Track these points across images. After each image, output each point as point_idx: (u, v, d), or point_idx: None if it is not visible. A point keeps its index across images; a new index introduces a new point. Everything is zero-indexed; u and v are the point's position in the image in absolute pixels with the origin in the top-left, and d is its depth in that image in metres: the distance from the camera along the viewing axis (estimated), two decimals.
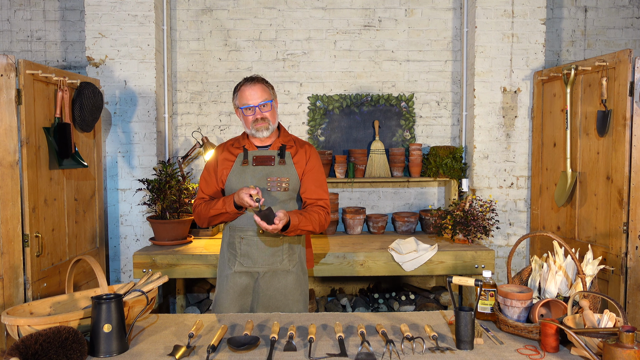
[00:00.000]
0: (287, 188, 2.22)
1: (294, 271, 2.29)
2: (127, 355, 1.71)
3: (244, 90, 2.21)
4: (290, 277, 2.28)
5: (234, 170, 2.25)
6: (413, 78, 4.06)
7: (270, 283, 2.26)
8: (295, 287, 2.29)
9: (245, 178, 2.23)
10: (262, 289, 2.26)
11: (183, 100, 4.03)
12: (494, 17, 3.72)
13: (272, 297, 2.25)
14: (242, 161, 2.25)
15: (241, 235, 2.25)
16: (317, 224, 2.19)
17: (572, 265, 2.03)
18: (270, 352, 1.68)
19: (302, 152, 2.29)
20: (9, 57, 2.56)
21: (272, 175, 2.22)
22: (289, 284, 2.27)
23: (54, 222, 2.91)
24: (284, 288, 2.26)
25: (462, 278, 1.88)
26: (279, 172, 2.23)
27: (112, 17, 3.63)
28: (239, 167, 2.25)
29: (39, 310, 1.90)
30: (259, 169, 2.23)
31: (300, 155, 2.28)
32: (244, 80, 2.24)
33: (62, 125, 2.88)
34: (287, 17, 4.01)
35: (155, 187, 3.38)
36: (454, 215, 3.48)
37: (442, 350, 1.71)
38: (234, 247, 2.27)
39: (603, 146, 3.04)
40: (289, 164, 2.25)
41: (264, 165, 2.24)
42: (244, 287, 2.27)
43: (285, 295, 2.26)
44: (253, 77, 2.24)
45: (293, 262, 2.29)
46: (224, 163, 2.28)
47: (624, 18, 4.21)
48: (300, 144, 2.33)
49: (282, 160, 2.24)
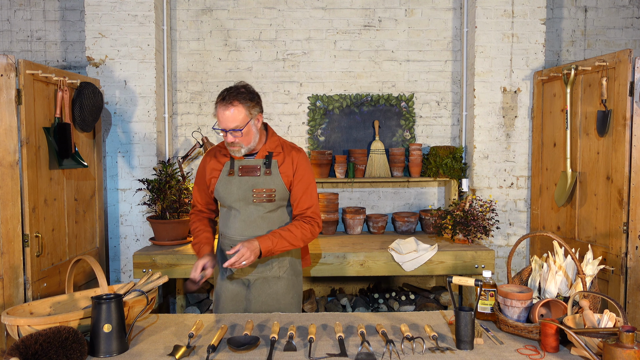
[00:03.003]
0: (273, 199, 2.19)
1: (285, 277, 2.28)
2: (127, 355, 1.71)
3: (218, 109, 2.10)
4: (281, 282, 2.27)
5: (221, 180, 2.23)
6: (413, 78, 4.06)
7: (262, 289, 2.26)
8: (287, 291, 2.28)
9: (231, 189, 2.21)
10: (254, 296, 2.26)
11: (183, 100, 4.03)
12: (494, 17, 3.72)
13: (264, 302, 2.25)
14: (229, 171, 2.22)
15: (230, 244, 2.24)
16: (300, 239, 2.16)
17: (572, 265, 2.03)
18: (270, 352, 1.68)
19: (289, 161, 2.23)
20: (9, 57, 2.56)
21: (257, 186, 2.18)
22: (280, 289, 2.27)
23: (54, 222, 2.91)
24: (276, 293, 2.26)
25: (462, 278, 1.88)
26: (265, 183, 2.19)
27: (112, 17, 3.63)
28: (225, 177, 2.22)
29: (39, 310, 1.90)
30: (244, 180, 2.20)
31: (287, 165, 2.23)
32: (221, 97, 2.10)
33: (62, 125, 2.88)
34: (287, 17, 4.01)
35: (155, 187, 3.38)
36: (454, 215, 3.48)
37: (442, 350, 1.71)
38: (224, 255, 2.27)
39: (603, 146, 3.04)
40: (275, 174, 2.21)
41: (250, 175, 2.20)
42: (236, 293, 2.27)
43: (278, 300, 2.26)
44: (231, 94, 2.09)
45: (283, 268, 2.28)
46: (212, 172, 2.27)
47: (624, 18, 4.21)
48: (287, 150, 2.26)
49: (268, 171, 2.20)
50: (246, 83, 2.19)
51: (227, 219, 2.27)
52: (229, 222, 2.26)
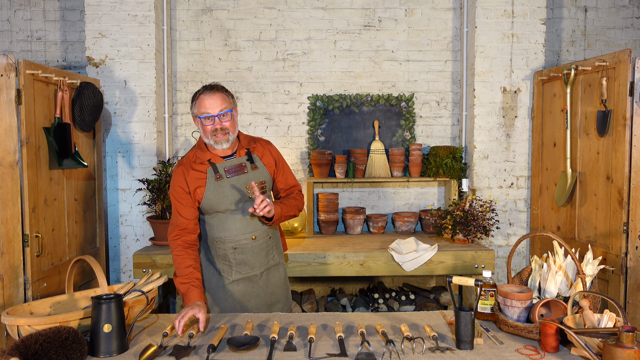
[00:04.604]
0: (265, 190, 2.25)
1: (282, 262, 2.40)
2: (127, 355, 1.71)
3: (202, 99, 2.11)
4: (280, 269, 2.38)
5: (210, 187, 2.16)
6: (413, 78, 4.06)
7: (268, 281, 2.31)
8: (285, 277, 2.42)
9: (224, 192, 2.17)
10: (262, 289, 2.29)
11: (183, 100, 4.03)
12: (494, 17, 3.72)
13: (272, 293, 2.32)
14: (215, 176, 2.17)
15: (233, 246, 2.22)
16: (296, 208, 2.32)
17: (572, 265, 2.03)
18: (270, 352, 1.68)
19: (268, 153, 2.32)
20: (9, 57, 2.56)
21: (249, 182, 2.20)
22: (281, 276, 2.38)
23: (54, 222, 2.91)
24: (279, 281, 2.36)
25: (462, 278, 1.88)
26: (255, 177, 2.22)
27: (112, 17, 3.63)
28: (214, 182, 2.17)
29: (39, 310, 1.90)
30: (234, 180, 2.19)
31: (267, 157, 2.31)
32: (203, 88, 2.15)
33: (62, 125, 2.88)
34: (287, 17, 4.01)
35: (155, 187, 3.38)
36: (454, 215, 3.48)
37: (442, 350, 1.71)
38: (227, 259, 2.24)
39: (603, 146, 3.04)
40: (261, 167, 2.26)
41: (238, 174, 2.20)
42: (243, 292, 2.26)
43: (280, 286, 2.37)
44: (212, 85, 2.16)
45: (280, 253, 2.39)
46: (196, 182, 2.16)
47: (624, 18, 4.21)
48: (260, 143, 2.33)
49: (254, 166, 2.24)
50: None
51: (223, 224, 2.22)
52: (226, 225, 2.22)
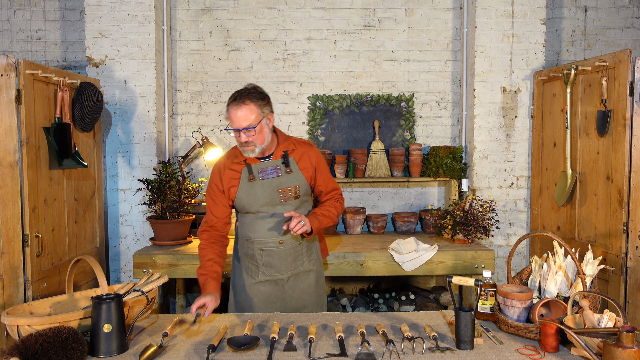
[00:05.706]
0: (298, 196, 2.22)
1: (314, 269, 2.34)
2: (127, 355, 1.71)
3: (230, 110, 2.10)
4: (311, 275, 2.33)
5: (242, 187, 2.20)
6: (413, 78, 4.06)
7: (295, 286, 2.29)
8: (317, 283, 2.36)
9: (255, 193, 2.19)
10: (287, 294, 2.28)
11: (183, 100, 4.03)
12: (494, 17, 3.72)
13: (299, 298, 2.30)
14: (249, 177, 2.20)
15: (261, 248, 2.23)
16: (336, 216, 2.30)
17: (572, 265, 2.03)
18: (270, 352, 1.68)
19: (307, 157, 2.26)
20: (9, 57, 2.56)
21: (281, 186, 2.19)
22: (311, 282, 2.33)
23: (54, 222, 2.91)
24: (308, 287, 2.32)
25: (462, 278, 1.88)
26: (288, 182, 2.20)
27: (112, 17, 3.63)
28: (247, 183, 2.19)
29: (39, 310, 1.90)
30: (267, 182, 2.19)
31: (305, 161, 2.25)
32: (234, 96, 2.11)
33: (62, 125, 2.88)
34: (287, 17, 4.01)
35: (155, 187, 3.38)
36: (454, 215, 3.48)
37: (442, 350, 1.71)
38: (254, 259, 2.26)
39: (603, 146, 3.04)
40: (296, 171, 2.22)
41: (272, 177, 2.20)
42: (268, 295, 2.27)
43: (310, 293, 2.32)
44: (242, 93, 2.11)
45: (312, 260, 2.33)
46: (231, 181, 2.21)
47: (624, 18, 4.21)
48: (300, 146, 2.28)
49: (289, 169, 2.21)
50: (255, 84, 2.19)
51: (253, 224, 2.24)
52: (255, 226, 2.23)
